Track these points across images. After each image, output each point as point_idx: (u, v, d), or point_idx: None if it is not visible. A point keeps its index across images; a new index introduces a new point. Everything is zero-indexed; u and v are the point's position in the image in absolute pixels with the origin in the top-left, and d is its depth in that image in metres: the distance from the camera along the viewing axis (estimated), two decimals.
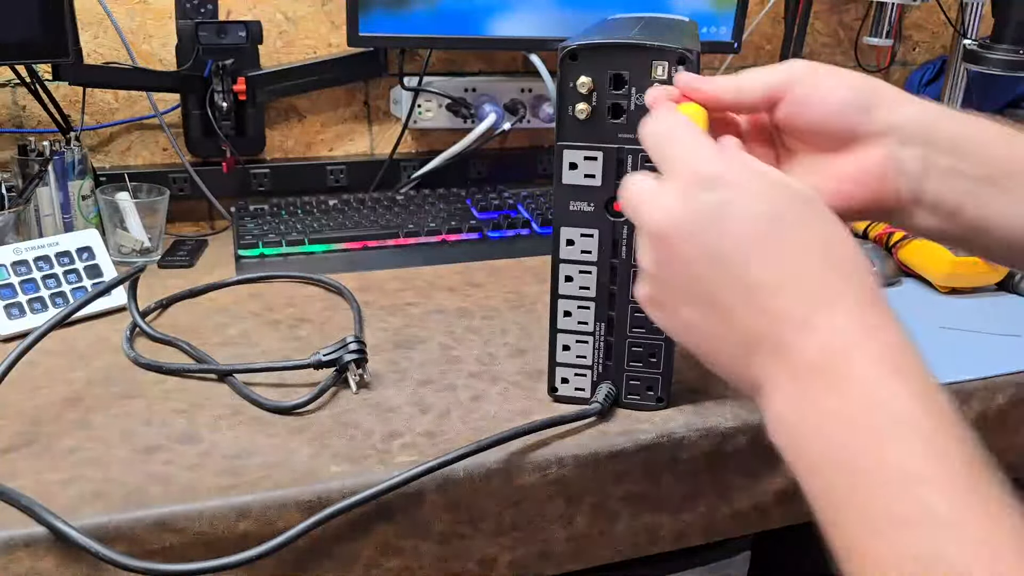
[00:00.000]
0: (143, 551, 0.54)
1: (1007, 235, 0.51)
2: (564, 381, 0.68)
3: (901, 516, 0.34)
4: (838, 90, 0.52)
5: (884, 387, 0.37)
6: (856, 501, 0.36)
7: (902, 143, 0.51)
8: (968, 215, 0.51)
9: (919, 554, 0.33)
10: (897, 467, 0.35)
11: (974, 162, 0.51)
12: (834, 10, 1.35)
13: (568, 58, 0.59)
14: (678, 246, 0.43)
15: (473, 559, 0.62)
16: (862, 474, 0.36)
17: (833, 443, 0.38)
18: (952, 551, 0.33)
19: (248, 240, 0.96)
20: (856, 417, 0.37)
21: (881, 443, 0.36)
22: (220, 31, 1.03)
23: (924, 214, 0.52)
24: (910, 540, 0.34)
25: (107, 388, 0.69)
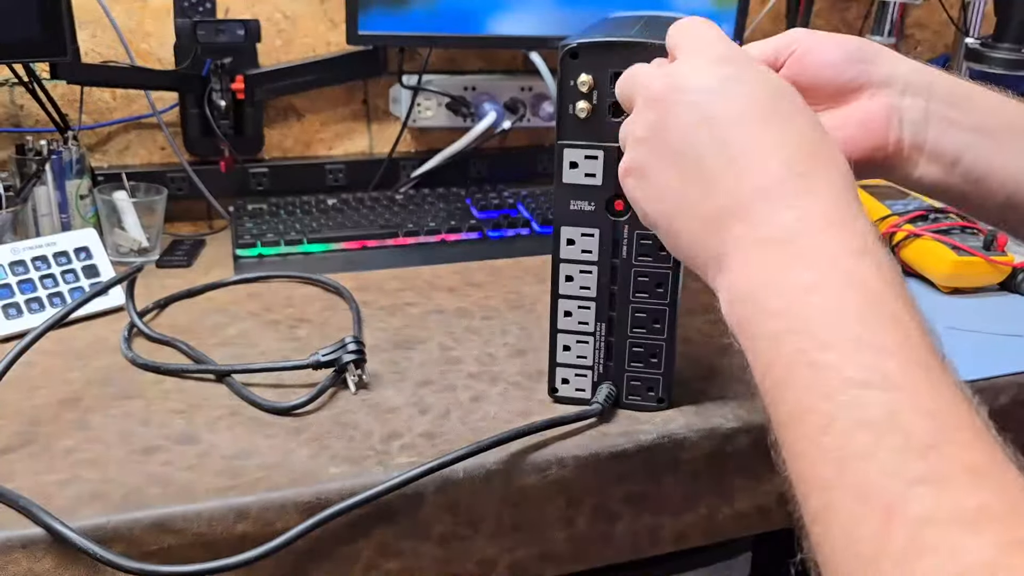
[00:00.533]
0: (141, 552, 0.53)
1: (1003, 187, 0.53)
2: (564, 382, 0.67)
3: (855, 379, 0.35)
4: (839, 45, 0.54)
5: (852, 264, 0.38)
6: (806, 363, 0.36)
7: (902, 93, 0.53)
8: (966, 165, 0.53)
9: (871, 419, 0.33)
10: (855, 335, 0.36)
11: (971, 114, 0.53)
12: (836, 8, 1.35)
13: (569, 56, 0.59)
14: (679, 108, 0.45)
15: (473, 560, 0.62)
16: (818, 339, 0.36)
17: (793, 310, 0.38)
18: (906, 417, 0.33)
19: (246, 240, 0.96)
20: (820, 287, 0.38)
21: (843, 311, 0.36)
22: (218, 30, 1.02)
23: (925, 163, 0.54)
24: (863, 402, 0.34)
25: (105, 388, 0.69)
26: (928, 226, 0.93)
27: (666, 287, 0.63)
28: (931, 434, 0.32)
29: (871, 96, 0.54)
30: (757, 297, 0.40)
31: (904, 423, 0.33)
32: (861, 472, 0.33)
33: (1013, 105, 0.54)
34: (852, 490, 0.33)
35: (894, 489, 0.32)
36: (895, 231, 0.95)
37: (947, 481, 0.31)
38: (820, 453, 0.35)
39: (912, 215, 0.96)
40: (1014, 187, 0.53)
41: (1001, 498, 0.31)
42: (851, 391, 0.34)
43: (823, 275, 0.38)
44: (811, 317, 0.37)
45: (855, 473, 0.33)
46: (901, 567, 0.30)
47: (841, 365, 0.35)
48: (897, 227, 0.95)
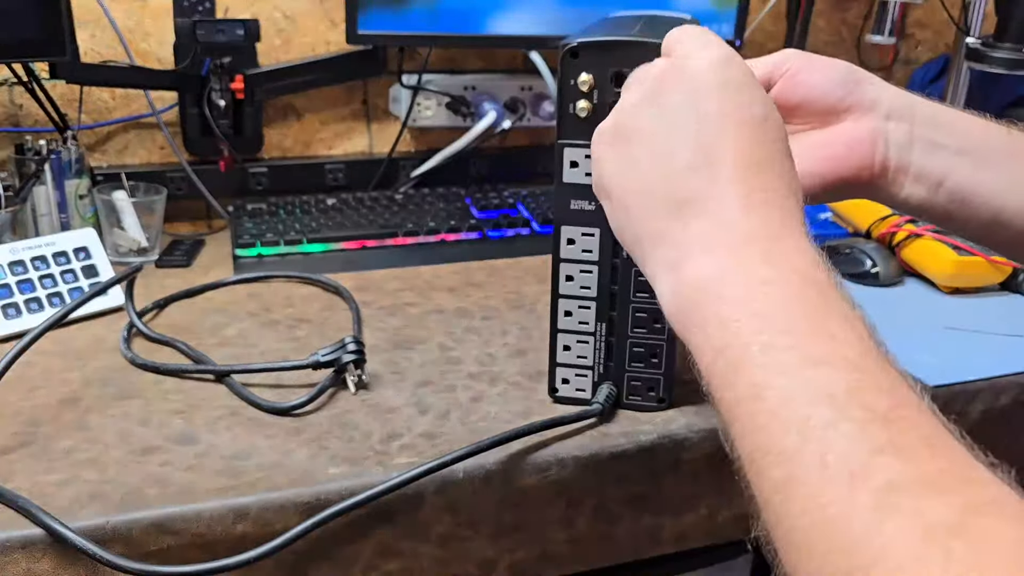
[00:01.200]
0: (140, 553, 0.53)
1: (987, 206, 0.55)
2: (565, 382, 0.67)
3: (816, 357, 0.36)
4: (830, 67, 0.56)
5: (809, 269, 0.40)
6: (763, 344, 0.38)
7: (887, 117, 0.55)
8: (951, 186, 0.55)
9: (833, 393, 0.35)
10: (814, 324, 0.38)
11: (954, 137, 0.55)
12: (837, 8, 1.35)
13: (569, 56, 0.59)
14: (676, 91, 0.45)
15: (473, 561, 0.62)
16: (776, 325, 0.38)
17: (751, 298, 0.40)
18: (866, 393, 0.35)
19: (246, 240, 0.96)
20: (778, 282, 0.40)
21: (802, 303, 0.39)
22: (218, 29, 1.02)
23: (910, 184, 0.55)
24: (825, 378, 0.36)
25: (104, 389, 0.69)
26: (929, 226, 0.93)
27: None
28: (890, 409, 0.34)
29: (857, 118, 0.55)
30: (711, 286, 0.41)
31: (865, 398, 0.35)
32: (825, 441, 0.34)
33: (994, 128, 0.56)
34: (816, 459, 0.34)
35: (858, 457, 0.33)
36: (896, 231, 0.95)
37: (908, 450, 0.33)
38: (781, 425, 0.36)
39: None
40: (999, 206, 0.55)
41: (955, 466, 0.33)
42: (812, 369, 0.36)
43: (781, 273, 0.40)
44: (769, 306, 0.39)
45: (819, 442, 0.34)
46: (868, 527, 0.31)
47: (801, 346, 0.37)
48: (898, 227, 0.95)
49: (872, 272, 0.92)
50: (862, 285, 0.92)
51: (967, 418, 0.71)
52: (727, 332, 0.40)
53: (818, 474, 0.33)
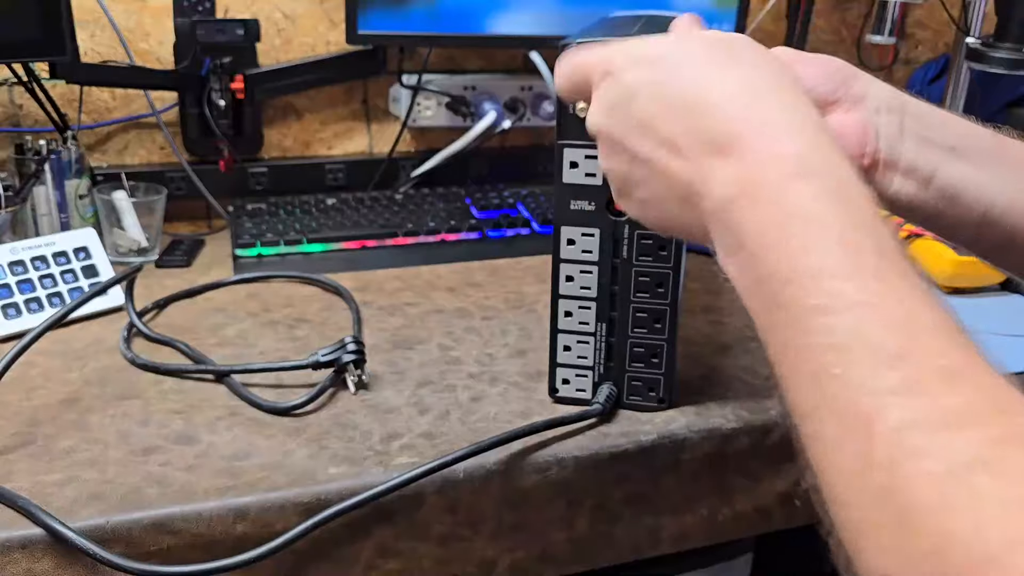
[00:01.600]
0: (140, 553, 0.53)
1: (978, 204, 0.54)
2: (565, 382, 0.67)
3: (817, 306, 0.35)
4: (819, 63, 0.55)
5: (795, 194, 0.38)
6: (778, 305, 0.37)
7: (877, 110, 0.54)
8: (941, 182, 0.54)
9: (838, 342, 0.34)
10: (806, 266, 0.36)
11: (944, 134, 0.55)
12: (837, 8, 1.35)
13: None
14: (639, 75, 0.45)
15: (473, 561, 0.62)
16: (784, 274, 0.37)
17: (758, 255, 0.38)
18: (871, 331, 0.33)
19: (246, 240, 0.96)
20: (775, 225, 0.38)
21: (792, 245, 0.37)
22: (218, 29, 1.02)
23: (900, 179, 0.55)
24: (828, 327, 0.34)
25: (104, 389, 0.69)
26: None
27: (667, 287, 0.63)
28: (900, 344, 0.33)
29: (847, 110, 0.55)
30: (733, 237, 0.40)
31: (870, 338, 0.33)
32: (837, 391, 0.33)
33: (982, 129, 0.56)
34: (832, 410, 0.33)
35: (870, 402, 0.32)
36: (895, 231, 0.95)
37: (922, 387, 0.32)
38: (801, 380, 0.35)
39: None
40: (988, 204, 0.54)
41: (979, 397, 0.31)
42: (816, 319, 0.35)
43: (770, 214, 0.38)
44: (787, 246, 0.37)
45: (832, 393, 0.33)
46: (889, 474, 0.30)
47: (802, 296, 0.36)
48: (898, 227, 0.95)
49: None
50: None
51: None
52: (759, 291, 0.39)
53: (835, 426, 0.33)
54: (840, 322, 0.34)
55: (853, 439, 0.32)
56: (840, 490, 0.33)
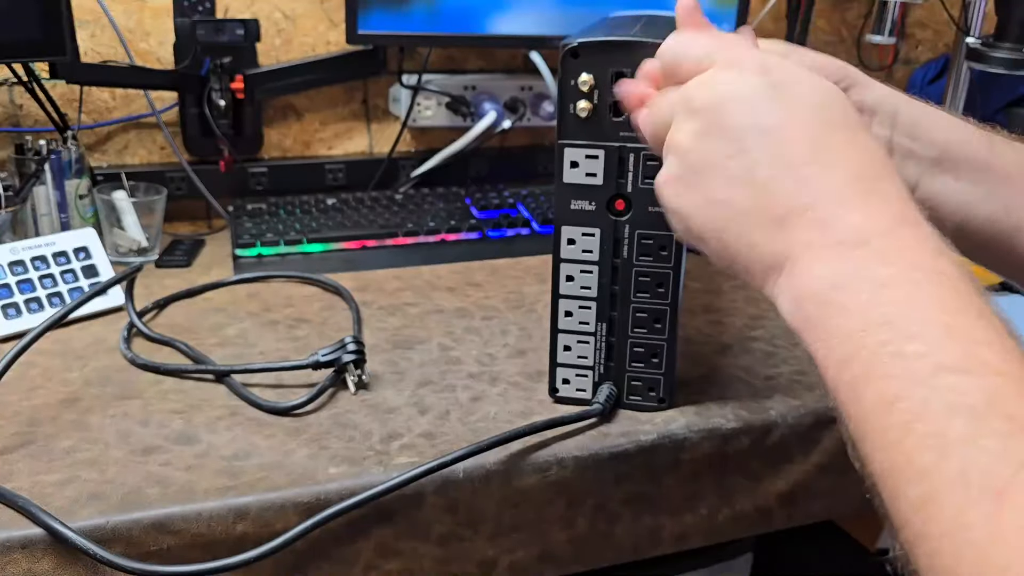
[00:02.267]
0: (140, 553, 0.53)
1: (953, 216, 0.55)
2: (565, 382, 0.67)
3: (948, 365, 0.34)
4: (822, 68, 0.55)
5: (929, 259, 0.38)
6: (890, 354, 0.36)
7: (871, 122, 0.55)
8: (920, 195, 0.55)
9: (971, 403, 0.33)
10: (944, 324, 0.35)
11: (930, 148, 0.55)
12: (837, 8, 1.35)
13: (569, 56, 0.59)
14: (732, 116, 0.44)
15: (473, 561, 0.62)
16: (902, 331, 0.36)
17: (872, 305, 0.38)
18: (1007, 401, 0.33)
19: (246, 240, 0.96)
20: (898, 281, 0.38)
21: (927, 303, 0.36)
22: (218, 29, 1.02)
23: None
24: (961, 387, 0.34)
25: (104, 389, 0.69)
26: None
27: (667, 287, 0.63)
28: None
29: None
30: (830, 296, 0.39)
31: (1007, 407, 0.33)
32: (966, 458, 0.32)
33: (976, 137, 0.56)
34: (957, 476, 0.32)
35: (1003, 473, 0.31)
36: None
37: None
38: (916, 440, 0.34)
39: None
40: (964, 217, 0.55)
41: None
42: (946, 377, 0.34)
43: (901, 271, 0.38)
44: (892, 311, 0.37)
45: (959, 459, 0.32)
46: (1017, 550, 0.30)
47: (931, 352, 0.35)
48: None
49: None
50: None
51: None
52: (848, 345, 0.38)
53: (961, 493, 0.32)
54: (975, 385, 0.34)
55: (980, 508, 0.32)
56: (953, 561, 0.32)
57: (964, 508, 0.32)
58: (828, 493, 0.69)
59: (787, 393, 0.69)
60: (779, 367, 0.73)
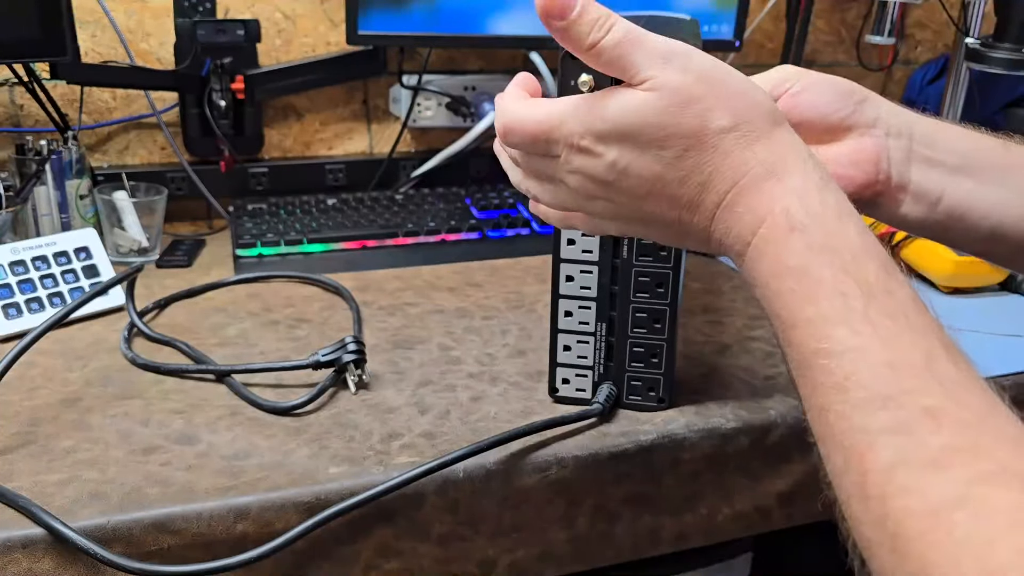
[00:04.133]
0: (141, 552, 0.53)
1: (986, 221, 0.56)
2: (565, 382, 0.67)
3: (815, 349, 0.39)
4: (832, 85, 0.56)
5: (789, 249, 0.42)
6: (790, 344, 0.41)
7: (888, 134, 0.56)
8: (949, 203, 0.56)
9: (836, 383, 0.38)
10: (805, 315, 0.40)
11: (950, 156, 0.56)
12: (836, 8, 1.35)
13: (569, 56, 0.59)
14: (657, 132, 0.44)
15: (473, 561, 0.62)
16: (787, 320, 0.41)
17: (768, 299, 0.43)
18: (863, 373, 0.37)
19: (246, 240, 0.96)
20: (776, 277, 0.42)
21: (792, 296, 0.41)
22: (218, 29, 1.02)
23: (910, 202, 0.56)
24: (827, 368, 0.39)
25: (105, 388, 0.69)
26: None
27: (666, 287, 0.63)
28: (888, 385, 0.36)
29: (859, 135, 0.56)
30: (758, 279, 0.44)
31: (862, 380, 0.37)
32: (838, 426, 0.37)
33: (989, 142, 0.57)
34: (836, 443, 0.38)
35: (864, 440, 0.36)
36: (895, 231, 0.95)
37: (909, 426, 0.35)
38: (812, 412, 0.40)
39: None
40: (997, 220, 0.56)
41: (961, 435, 0.35)
42: (817, 360, 0.39)
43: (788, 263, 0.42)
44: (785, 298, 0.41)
45: (835, 428, 0.38)
46: (882, 505, 0.35)
47: (805, 340, 0.40)
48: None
49: None
50: None
51: None
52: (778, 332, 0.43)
53: (837, 458, 0.37)
54: (837, 365, 0.38)
55: (853, 470, 0.36)
56: (848, 509, 0.37)
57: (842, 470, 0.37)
58: None
59: (787, 393, 0.69)
60: (779, 367, 0.74)
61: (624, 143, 0.45)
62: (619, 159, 0.45)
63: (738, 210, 0.43)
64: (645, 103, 0.44)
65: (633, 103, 0.44)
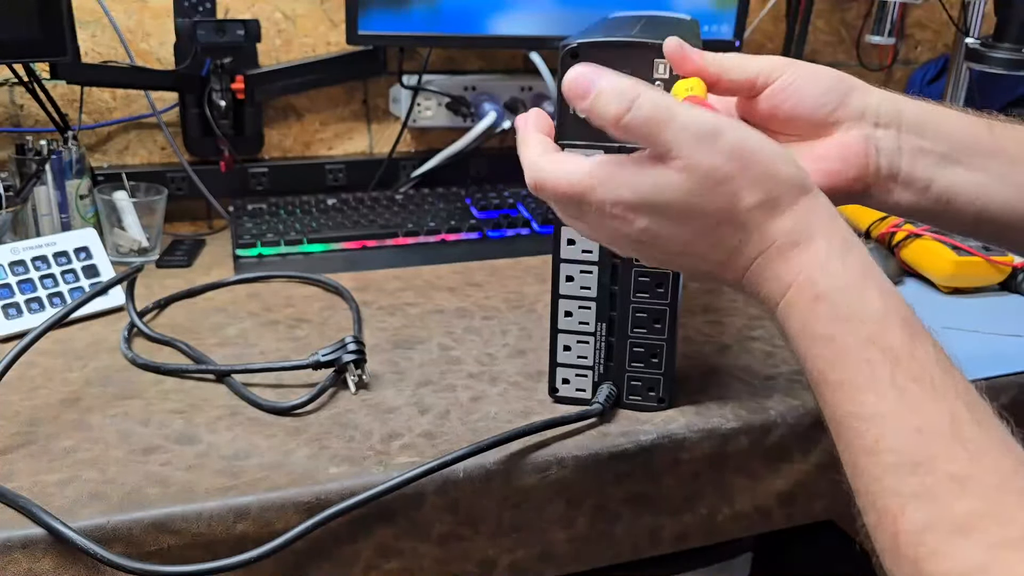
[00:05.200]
0: (141, 552, 0.53)
1: (972, 205, 0.57)
2: (565, 382, 0.67)
3: (847, 412, 0.42)
4: (818, 80, 0.56)
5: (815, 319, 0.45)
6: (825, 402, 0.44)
7: (876, 125, 0.56)
8: (937, 189, 0.57)
9: (867, 446, 0.41)
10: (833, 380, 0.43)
11: (938, 142, 0.56)
12: (836, 8, 1.35)
13: (569, 56, 0.59)
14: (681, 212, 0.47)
15: (473, 561, 0.62)
16: (817, 381, 0.45)
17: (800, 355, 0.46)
18: (892, 439, 0.40)
19: (246, 240, 0.96)
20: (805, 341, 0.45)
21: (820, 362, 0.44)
22: (218, 29, 1.02)
23: (900, 190, 0.57)
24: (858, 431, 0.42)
25: (105, 388, 0.69)
26: (928, 226, 0.93)
27: (666, 287, 0.63)
28: (916, 451, 0.39)
29: (847, 129, 0.56)
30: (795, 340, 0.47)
31: (891, 445, 0.40)
32: (872, 488, 0.41)
33: (977, 126, 0.58)
34: (870, 501, 0.41)
35: (896, 503, 0.39)
36: (895, 231, 0.95)
37: (936, 492, 0.38)
38: (847, 464, 0.43)
39: None
40: (983, 204, 0.57)
41: (984, 501, 0.37)
42: (849, 423, 0.42)
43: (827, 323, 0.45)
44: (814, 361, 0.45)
45: (869, 488, 0.41)
46: (913, 566, 0.38)
47: (837, 402, 0.43)
48: (897, 227, 0.95)
49: None
50: None
51: None
52: None
53: (872, 518, 0.41)
54: (866, 429, 0.41)
55: (887, 531, 0.39)
56: (884, 562, 0.40)
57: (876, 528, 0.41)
58: (828, 493, 0.70)
59: (786, 393, 0.69)
60: (779, 367, 0.74)
61: (654, 215, 0.47)
62: (650, 227, 0.48)
63: (766, 275, 0.47)
64: (678, 183, 0.46)
65: (664, 181, 0.46)
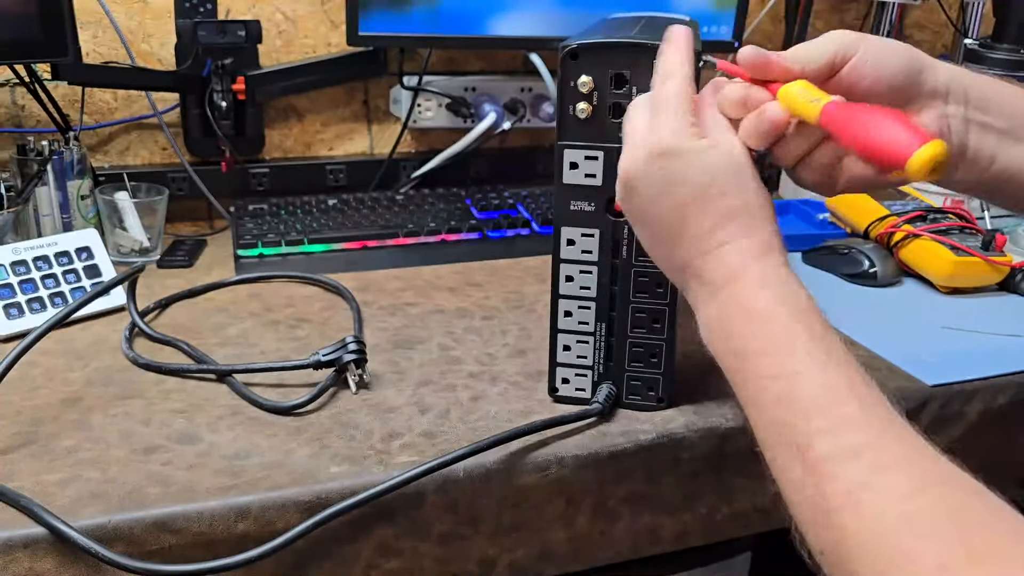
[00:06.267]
0: (142, 552, 0.54)
1: None
2: (565, 381, 0.67)
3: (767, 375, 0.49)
4: (896, 55, 0.56)
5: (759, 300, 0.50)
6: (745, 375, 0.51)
7: (946, 103, 0.56)
8: (1000, 165, 0.57)
9: (784, 399, 0.47)
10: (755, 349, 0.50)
11: (1001, 118, 0.57)
12: (835, 9, 1.35)
13: (569, 57, 0.59)
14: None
15: (473, 560, 0.62)
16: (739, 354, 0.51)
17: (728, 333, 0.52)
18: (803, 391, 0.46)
19: (247, 240, 0.96)
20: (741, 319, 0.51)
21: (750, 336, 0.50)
22: (219, 30, 1.02)
23: (965, 167, 0.57)
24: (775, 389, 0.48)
25: (106, 388, 0.69)
26: (927, 226, 0.94)
27: (666, 287, 0.63)
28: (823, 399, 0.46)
29: (921, 107, 0.56)
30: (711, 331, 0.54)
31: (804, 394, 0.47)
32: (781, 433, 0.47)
33: None
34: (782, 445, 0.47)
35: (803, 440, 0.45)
36: (894, 231, 0.95)
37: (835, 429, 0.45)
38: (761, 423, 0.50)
39: (911, 215, 0.96)
40: None
41: (869, 435, 0.44)
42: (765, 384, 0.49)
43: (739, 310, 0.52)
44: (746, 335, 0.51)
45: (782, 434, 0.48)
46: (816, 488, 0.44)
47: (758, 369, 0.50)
48: (896, 227, 0.95)
49: (870, 272, 0.92)
50: (860, 285, 0.92)
51: (965, 418, 0.72)
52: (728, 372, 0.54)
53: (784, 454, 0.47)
54: (783, 385, 0.47)
55: (794, 464, 0.45)
56: (790, 497, 0.46)
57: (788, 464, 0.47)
58: None
59: None
60: None
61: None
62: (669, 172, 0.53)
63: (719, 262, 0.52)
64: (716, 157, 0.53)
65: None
